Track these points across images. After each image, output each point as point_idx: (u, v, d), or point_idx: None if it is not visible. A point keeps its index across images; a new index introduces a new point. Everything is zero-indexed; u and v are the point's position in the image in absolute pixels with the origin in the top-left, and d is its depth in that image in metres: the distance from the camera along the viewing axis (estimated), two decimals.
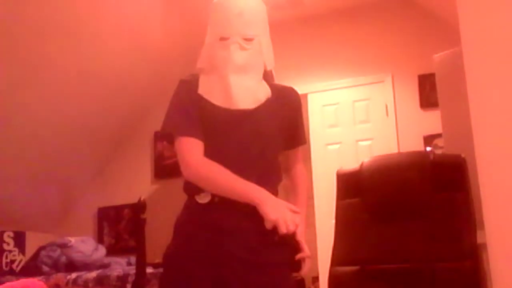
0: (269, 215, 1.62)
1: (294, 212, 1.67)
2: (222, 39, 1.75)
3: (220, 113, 1.74)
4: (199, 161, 1.72)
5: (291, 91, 1.91)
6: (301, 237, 1.70)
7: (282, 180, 1.87)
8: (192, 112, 1.75)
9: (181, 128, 1.75)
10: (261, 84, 1.80)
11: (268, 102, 1.79)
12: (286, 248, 1.68)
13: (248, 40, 1.75)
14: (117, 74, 4.60)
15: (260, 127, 1.77)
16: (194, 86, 1.78)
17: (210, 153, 1.74)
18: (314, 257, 4.46)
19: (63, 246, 3.86)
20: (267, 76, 1.84)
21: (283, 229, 1.61)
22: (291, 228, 1.62)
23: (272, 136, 1.80)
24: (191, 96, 1.77)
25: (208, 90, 1.76)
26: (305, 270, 1.71)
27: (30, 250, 4.48)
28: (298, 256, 1.69)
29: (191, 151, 1.73)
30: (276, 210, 1.63)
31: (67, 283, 3.38)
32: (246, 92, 1.74)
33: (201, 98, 1.76)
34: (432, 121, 4.29)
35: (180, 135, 1.75)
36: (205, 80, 1.78)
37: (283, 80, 1.94)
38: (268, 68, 1.83)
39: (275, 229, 1.62)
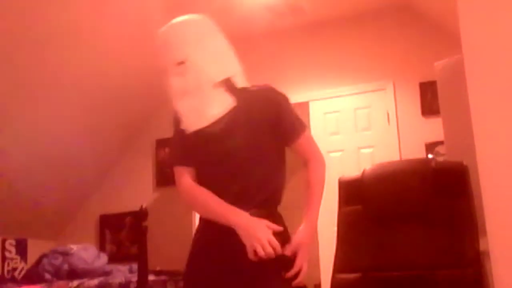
0: (245, 243, 1.67)
1: (277, 231, 1.70)
2: (162, 71, 1.80)
3: (192, 137, 1.81)
4: (187, 186, 1.82)
5: (265, 92, 1.86)
6: (302, 250, 1.72)
7: (280, 190, 1.88)
8: (182, 143, 1.86)
9: (174, 159, 1.91)
10: (216, 99, 1.78)
11: (234, 112, 1.79)
12: (277, 264, 1.70)
13: (181, 63, 1.77)
14: (119, 81, 4.61)
15: (228, 142, 1.78)
16: None
17: (199, 177, 1.83)
18: (316, 264, 4.45)
19: (65, 253, 3.85)
20: (229, 85, 1.81)
21: (260, 253, 1.65)
22: (269, 251, 1.65)
23: (247, 144, 1.79)
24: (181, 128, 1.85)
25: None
26: (297, 283, 1.72)
27: (32, 257, 4.47)
28: (288, 274, 1.70)
29: (181, 178, 1.85)
30: (250, 236, 1.66)
31: None
32: (194, 113, 1.77)
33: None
34: (433, 128, 4.29)
35: (174, 165, 1.89)
36: None
37: (283, 88, 1.93)
38: (218, 79, 1.78)
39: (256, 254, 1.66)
